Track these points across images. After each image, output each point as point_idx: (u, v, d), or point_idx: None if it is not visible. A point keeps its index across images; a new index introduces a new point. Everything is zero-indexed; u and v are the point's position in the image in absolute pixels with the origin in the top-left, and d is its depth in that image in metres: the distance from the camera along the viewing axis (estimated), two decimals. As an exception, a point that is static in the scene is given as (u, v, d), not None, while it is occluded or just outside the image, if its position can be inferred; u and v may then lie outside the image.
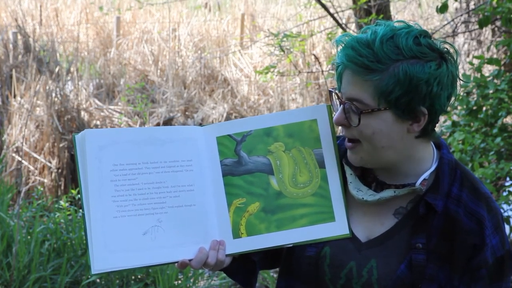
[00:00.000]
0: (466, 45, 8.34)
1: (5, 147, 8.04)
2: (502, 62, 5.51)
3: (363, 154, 1.88)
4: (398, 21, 1.88)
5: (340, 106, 1.88)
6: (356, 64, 1.81)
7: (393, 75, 1.80)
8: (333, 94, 1.93)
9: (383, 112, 1.83)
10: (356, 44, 1.82)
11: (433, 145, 1.95)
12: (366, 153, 1.87)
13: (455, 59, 1.86)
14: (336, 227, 1.94)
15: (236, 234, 1.95)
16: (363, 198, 1.91)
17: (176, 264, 1.92)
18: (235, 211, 1.96)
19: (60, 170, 8.05)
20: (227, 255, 1.95)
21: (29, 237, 5.46)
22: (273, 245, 1.95)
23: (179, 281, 5.46)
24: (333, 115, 1.94)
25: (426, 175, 1.90)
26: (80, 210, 6.01)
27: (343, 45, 1.85)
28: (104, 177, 1.91)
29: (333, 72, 7.02)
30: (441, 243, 1.87)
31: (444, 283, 1.86)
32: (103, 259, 1.88)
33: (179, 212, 1.93)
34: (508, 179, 4.80)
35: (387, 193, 1.90)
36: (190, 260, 1.92)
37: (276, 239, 1.95)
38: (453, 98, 1.88)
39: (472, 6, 7.89)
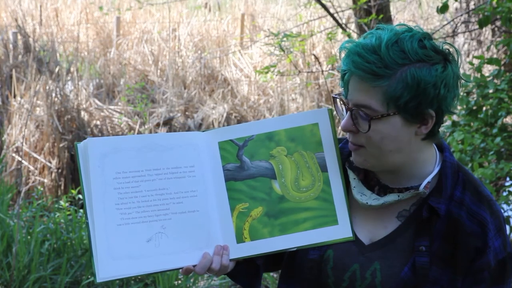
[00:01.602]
0: (466, 45, 8.34)
1: (5, 147, 8.05)
2: (502, 62, 5.51)
3: (368, 156, 1.88)
4: (399, 25, 1.88)
5: (346, 112, 1.88)
6: (364, 71, 1.81)
7: (401, 79, 1.81)
8: (337, 100, 1.93)
9: (392, 117, 1.83)
10: (362, 51, 1.82)
11: (436, 148, 1.96)
12: (371, 156, 1.88)
13: (456, 59, 1.87)
14: (339, 231, 1.94)
15: (240, 239, 1.95)
16: (367, 203, 1.91)
17: (180, 270, 1.92)
18: (238, 216, 1.96)
19: (60, 170, 8.05)
20: (231, 260, 1.95)
21: (29, 237, 5.46)
22: (276, 249, 1.95)
23: (179, 281, 5.47)
24: (335, 120, 1.95)
25: (429, 178, 1.90)
26: (80, 210, 6.02)
27: (346, 51, 1.85)
28: (107, 185, 1.91)
29: (333, 72, 7.02)
30: (444, 245, 1.87)
31: (447, 285, 1.87)
32: (108, 267, 1.88)
33: (183, 218, 1.93)
34: (508, 179, 4.80)
35: (391, 198, 1.90)
36: (194, 266, 1.92)
37: (279, 243, 1.95)
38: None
39: (472, 6, 7.89)
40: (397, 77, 1.80)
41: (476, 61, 7.16)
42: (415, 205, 1.92)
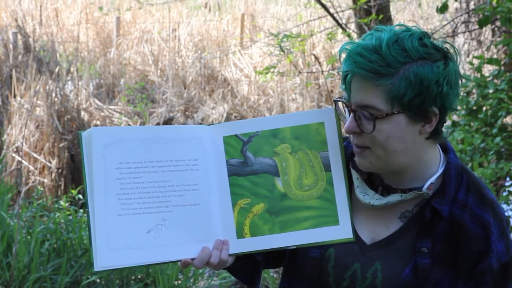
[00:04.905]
0: (466, 45, 8.34)
1: (5, 147, 8.05)
2: (502, 62, 5.52)
3: (373, 159, 1.87)
4: (397, 25, 1.89)
5: (349, 114, 1.88)
6: (366, 70, 1.81)
7: (404, 77, 1.81)
8: (339, 103, 1.92)
9: (396, 116, 1.83)
10: (363, 51, 1.82)
11: (440, 149, 1.95)
12: (376, 157, 1.87)
13: (455, 57, 1.87)
14: (339, 231, 1.94)
15: (240, 234, 1.95)
16: (369, 203, 1.91)
17: (178, 263, 1.93)
18: (240, 211, 1.96)
19: (60, 170, 8.05)
20: (230, 255, 1.95)
21: (29, 237, 5.46)
22: (276, 246, 1.95)
23: (179, 281, 5.46)
24: (341, 123, 1.95)
25: (433, 179, 1.90)
26: (80, 210, 6.02)
27: (347, 52, 1.85)
28: (109, 175, 1.91)
29: (333, 72, 7.03)
30: (446, 247, 1.87)
31: (448, 287, 1.86)
32: (106, 256, 1.88)
33: (184, 211, 1.93)
34: (508, 179, 4.80)
35: (394, 198, 1.90)
36: (192, 259, 1.92)
37: (279, 240, 1.95)
38: None
39: (472, 6, 7.89)
40: (400, 75, 1.81)
41: (476, 61, 7.16)
42: (418, 206, 1.91)
